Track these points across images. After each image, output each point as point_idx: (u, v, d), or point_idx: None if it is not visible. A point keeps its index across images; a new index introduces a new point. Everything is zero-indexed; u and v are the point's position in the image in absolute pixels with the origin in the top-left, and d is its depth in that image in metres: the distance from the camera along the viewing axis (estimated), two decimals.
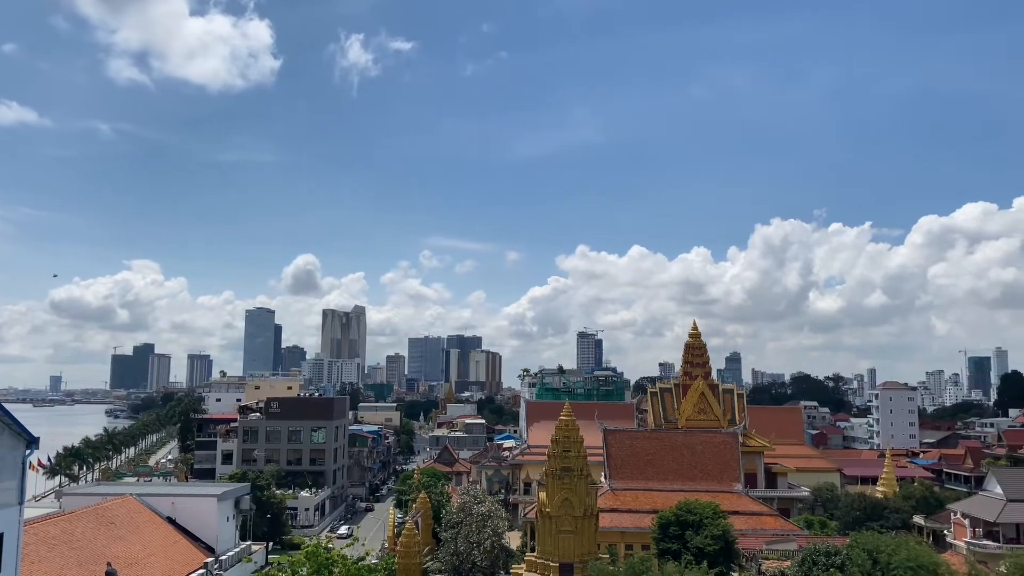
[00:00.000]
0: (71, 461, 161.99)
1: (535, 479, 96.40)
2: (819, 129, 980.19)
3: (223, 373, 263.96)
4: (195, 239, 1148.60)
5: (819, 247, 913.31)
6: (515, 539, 75.97)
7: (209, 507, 62.80)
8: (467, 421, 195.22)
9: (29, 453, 28.90)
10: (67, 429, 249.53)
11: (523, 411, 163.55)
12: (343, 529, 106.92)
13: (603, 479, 74.28)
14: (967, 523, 76.92)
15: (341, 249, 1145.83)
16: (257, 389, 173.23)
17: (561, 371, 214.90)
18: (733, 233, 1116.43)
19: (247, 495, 71.88)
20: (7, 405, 29.16)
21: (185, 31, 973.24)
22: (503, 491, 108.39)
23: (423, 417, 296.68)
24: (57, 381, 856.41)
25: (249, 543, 69.81)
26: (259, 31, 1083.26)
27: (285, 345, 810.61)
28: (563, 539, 48.56)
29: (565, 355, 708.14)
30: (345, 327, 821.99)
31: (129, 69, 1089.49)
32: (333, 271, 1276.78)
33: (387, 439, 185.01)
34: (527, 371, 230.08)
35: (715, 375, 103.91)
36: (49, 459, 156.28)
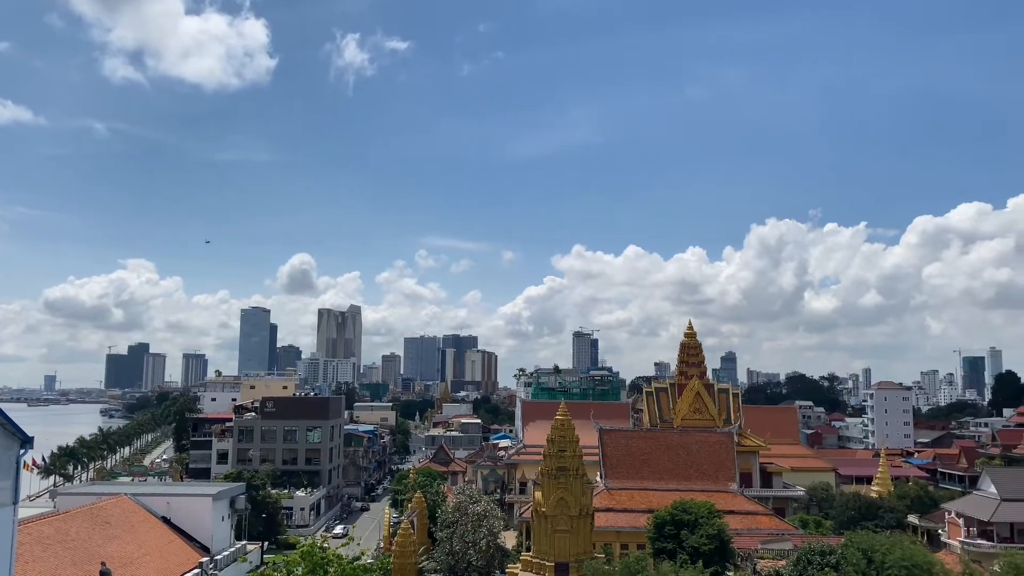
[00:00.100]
0: (66, 461, 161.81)
1: (531, 479, 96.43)
2: (814, 129, 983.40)
3: (218, 373, 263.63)
4: (190, 238, 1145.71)
5: (814, 247, 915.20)
6: (511, 539, 76.05)
7: (204, 507, 62.71)
8: (463, 421, 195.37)
9: (23, 453, 28.81)
10: (62, 428, 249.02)
11: (519, 411, 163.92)
12: (338, 529, 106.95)
13: (599, 479, 74.37)
14: (961, 522, 77.15)
15: (337, 248, 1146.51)
16: (252, 389, 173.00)
17: (557, 371, 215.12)
18: (728, 233, 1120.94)
19: (242, 495, 71.76)
20: (1, 404, 29.11)
21: (180, 30, 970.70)
22: (499, 491, 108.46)
23: (419, 417, 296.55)
24: (52, 380, 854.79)
25: (244, 543, 69.73)
26: (255, 30, 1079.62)
27: (280, 345, 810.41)
28: (559, 539, 48.57)
29: (561, 355, 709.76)
30: (341, 326, 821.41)
31: (124, 68, 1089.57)
32: (329, 270, 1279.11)
33: (383, 439, 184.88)
34: (523, 371, 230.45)
35: (710, 375, 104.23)
36: (44, 459, 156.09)
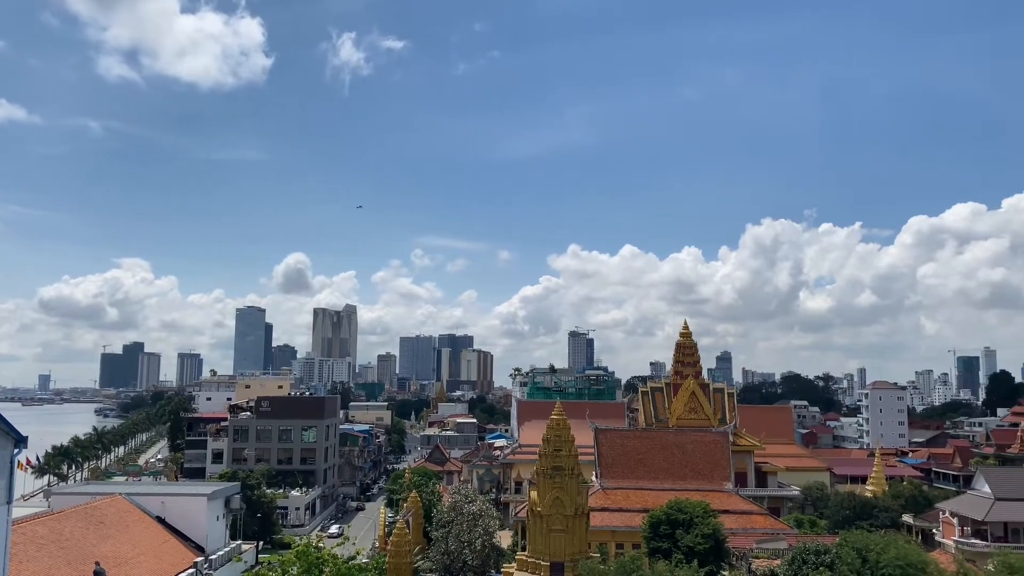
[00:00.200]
0: (60, 460, 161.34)
1: (526, 478, 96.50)
2: (810, 129, 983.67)
3: (213, 372, 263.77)
4: (185, 237, 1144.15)
5: (809, 247, 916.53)
6: (506, 538, 76.10)
7: (199, 506, 62.52)
8: (458, 420, 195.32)
9: (17, 452, 28.73)
10: (56, 428, 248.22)
11: (514, 410, 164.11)
12: (334, 528, 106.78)
13: (594, 478, 74.43)
14: (955, 522, 77.42)
15: (332, 248, 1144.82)
16: (247, 388, 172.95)
17: (552, 370, 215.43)
18: (724, 233, 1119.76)
19: (237, 494, 71.56)
20: None
21: (176, 29, 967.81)
22: (494, 490, 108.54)
23: (414, 416, 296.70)
24: (46, 380, 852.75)
25: (239, 542, 69.55)
26: (251, 29, 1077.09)
27: (276, 344, 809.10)
28: (554, 538, 48.62)
29: (556, 354, 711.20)
30: (336, 326, 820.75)
31: (119, 67, 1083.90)
32: (324, 270, 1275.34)
33: (378, 438, 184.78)
34: (518, 370, 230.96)
35: (706, 374, 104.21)
36: (38, 458, 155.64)
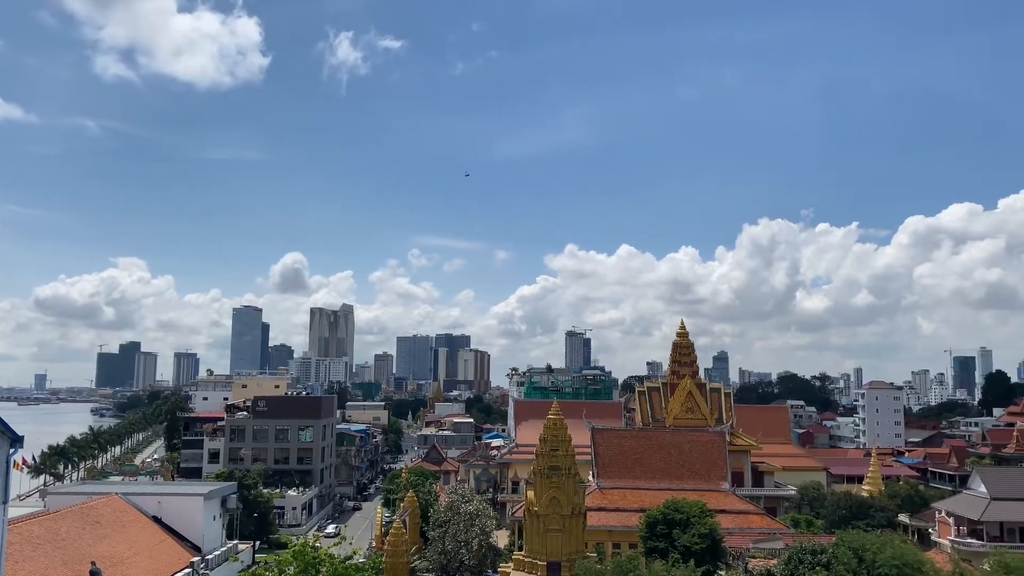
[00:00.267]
0: (56, 460, 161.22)
1: (523, 478, 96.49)
2: (806, 130, 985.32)
3: (210, 372, 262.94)
4: (182, 237, 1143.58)
5: (806, 247, 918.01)
6: (503, 538, 76.02)
7: (195, 506, 62.55)
8: (455, 420, 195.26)
9: (13, 452, 28.68)
10: (52, 428, 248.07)
11: (511, 410, 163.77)
12: (330, 528, 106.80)
13: (591, 478, 74.42)
14: (951, 521, 77.54)
15: (329, 247, 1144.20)
16: (244, 388, 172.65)
17: (549, 370, 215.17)
18: (721, 233, 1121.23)
19: (234, 494, 71.62)
20: None
21: (172, 28, 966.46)
22: (491, 490, 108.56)
23: (411, 416, 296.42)
24: (42, 379, 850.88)
25: (236, 542, 69.60)
26: (247, 28, 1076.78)
27: (272, 344, 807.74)
28: (551, 538, 48.59)
29: (553, 354, 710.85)
30: (333, 326, 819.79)
31: (116, 66, 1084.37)
32: (321, 269, 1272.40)
33: (375, 438, 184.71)
34: (515, 370, 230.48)
35: (702, 374, 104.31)
36: (34, 458, 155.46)
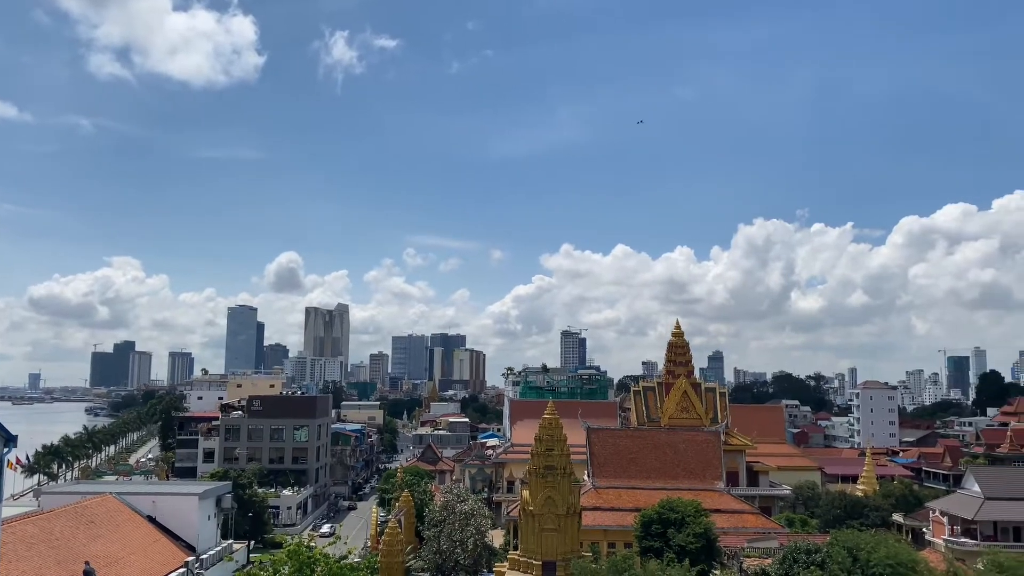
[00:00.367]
0: (50, 459, 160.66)
1: (518, 477, 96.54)
2: (802, 130, 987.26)
3: (205, 371, 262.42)
4: (177, 236, 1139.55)
5: (801, 247, 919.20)
6: (498, 537, 76.10)
7: (190, 506, 62.37)
8: (450, 420, 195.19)
9: (7, 451, 28.59)
10: (46, 427, 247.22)
11: (507, 409, 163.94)
12: (325, 528, 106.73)
13: (586, 477, 74.51)
14: (945, 521, 77.80)
15: (324, 247, 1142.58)
16: (239, 387, 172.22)
17: (545, 370, 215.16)
18: (716, 233, 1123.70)
19: (228, 493, 71.42)
20: None
21: (167, 26, 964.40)
22: (486, 489, 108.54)
23: (406, 415, 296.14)
24: (36, 379, 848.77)
25: (230, 542, 69.43)
26: (243, 27, 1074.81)
27: (267, 343, 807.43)
28: (546, 537, 48.61)
29: (549, 354, 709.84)
30: (328, 325, 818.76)
31: (111, 64, 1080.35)
32: (316, 269, 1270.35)
33: (370, 437, 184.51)
34: (511, 369, 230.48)
35: (698, 374, 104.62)
36: (28, 457, 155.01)
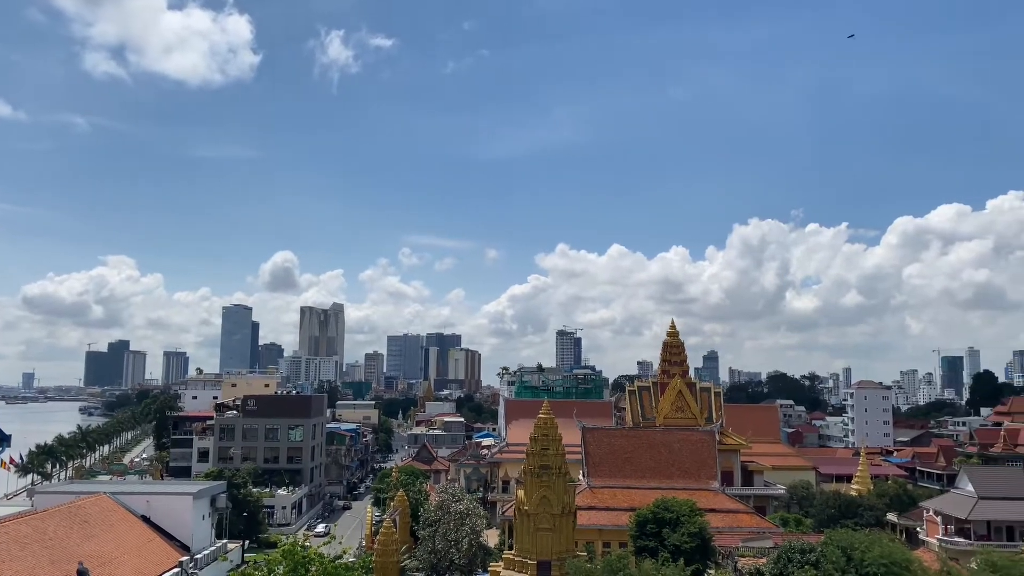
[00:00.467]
0: (44, 459, 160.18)
1: (513, 477, 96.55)
2: (797, 130, 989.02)
3: (199, 370, 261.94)
4: (172, 235, 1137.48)
5: (796, 247, 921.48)
6: (493, 537, 76.13)
7: (184, 505, 62.23)
8: (446, 419, 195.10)
9: (1, 451, 28.56)
10: (40, 426, 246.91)
11: (502, 409, 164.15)
12: (320, 527, 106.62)
13: (581, 477, 74.54)
14: (939, 520, 78.07)
15: (319, 246, 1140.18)
16: (234, 387, 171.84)
17: (540, 369, 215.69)
18: (711, 233, 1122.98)
19: (223, 493, 71.27)
20: None
21: (163, 25, 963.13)
22: (481, 489, 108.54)
23: (402, 415, 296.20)
24: (30, 378, 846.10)
25: (225, 541, 69.25)
26: (238, 26, 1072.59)
27: (262, 342, 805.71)
28: (541, 537, 48.61)
29: (544, 353, 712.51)
30: (323, 324, 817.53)
31: (106, 63, 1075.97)
32: (311, 268, 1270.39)
33: (365, 437, 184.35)
34: (506, 369, 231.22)
35: (693, 374, 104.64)
36: (21, 457, 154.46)
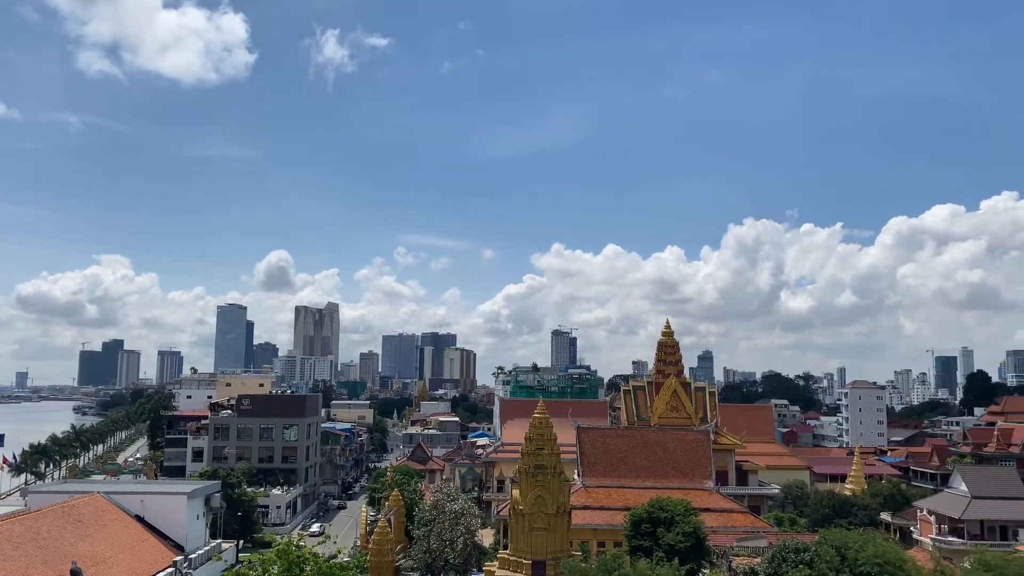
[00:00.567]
0: (37, 458, 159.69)
1: (509, 477, 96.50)
2: (792, 130, 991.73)
3: (194, 370, 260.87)
4: (166, 234, 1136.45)
5: (791, 247, 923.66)
6: (488, 537, 76.01)
7: (179, 505, 62.10)
8: (441, 419, 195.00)
9: None
10: (34, 426, 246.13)
11: (497, 409, 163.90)
12: (315, 527, 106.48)
13: (576, 476, 74.54)
14: (933, 520, 78.30)
15: (314, 245, 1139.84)
16: (228, 386, 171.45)
17: (535, 369, 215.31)
18: (706, 233, 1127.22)
19: (217, 493, 71.14)
20: None
21: (158, 24, 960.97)
22: (476, 489, 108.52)
23: (396, 415, 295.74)
24: (23, 377, 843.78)
25: (219, 541, 69.13)
26: (234, 25, 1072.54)
27: (257, 342, 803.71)
28: (536, 536, 48.59)
29: (539, 353, 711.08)
30: (318, 324, 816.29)
31: (100, 61, 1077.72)
32: (306, 267, 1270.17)
33: (360, 437, 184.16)
34: (501, 369, 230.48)
35: (687, 373, 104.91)
36: (15, 456, 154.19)
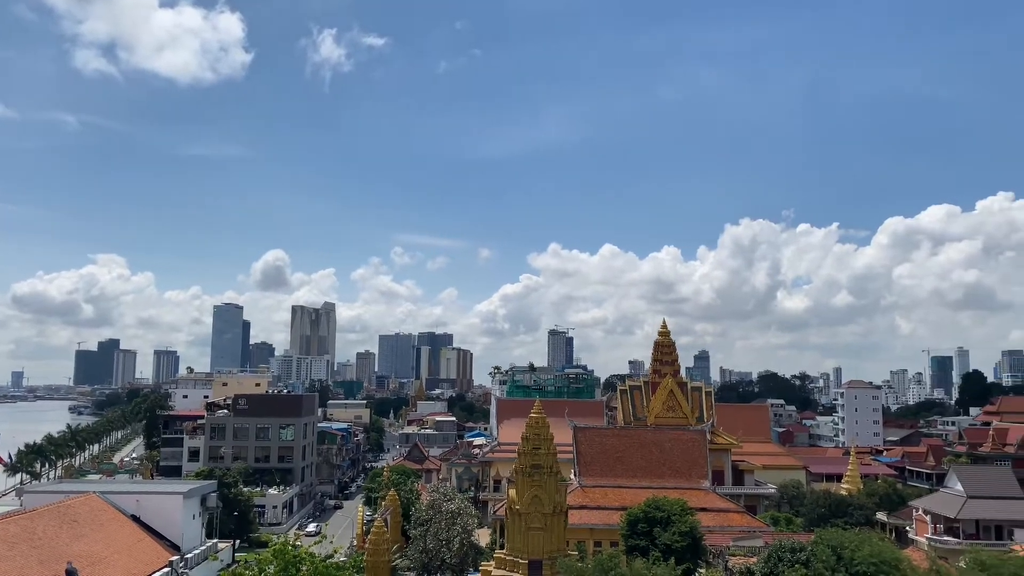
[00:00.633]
0: (33, 458, 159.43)
1: (505, 476, 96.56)
2: (788, 131, 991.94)
3: (190, 369, 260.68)
4: (162, 233, 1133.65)
5: (787, 247, 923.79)
6: (484, 536, 76.11)
7: (175, 505, 62.06)
8: (437, 419, 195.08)
9: None
10: (29, 426, 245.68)
11: (494, 408, 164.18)
12: (311, 527, 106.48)
13: (573, 476, 74.60)
14: (928, 519, 78.49)
15: (311, 245, 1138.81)
16: (225, 386, 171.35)
17: (532, 369, 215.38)
18: (703, 233, 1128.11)
19: (214, 492, 71.12)
20: None
21: (154, 23, 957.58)
22: (473, 488, 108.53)
23: (393, 414, 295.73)
24: (19, 377, 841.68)
25: (215, 541, 69.10)
26: (230, 24, 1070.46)
27: (253, 341, 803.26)
28: (532, 536, 48.61)
29: (536, 353, 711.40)
30: (315, 324, 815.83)
31: (96, 60, 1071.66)
32: (303, 267, 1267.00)
33: (356, 436, 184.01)
34: (498, 368, 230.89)
35: (684, 373, 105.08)
36: (10, 456, 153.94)
